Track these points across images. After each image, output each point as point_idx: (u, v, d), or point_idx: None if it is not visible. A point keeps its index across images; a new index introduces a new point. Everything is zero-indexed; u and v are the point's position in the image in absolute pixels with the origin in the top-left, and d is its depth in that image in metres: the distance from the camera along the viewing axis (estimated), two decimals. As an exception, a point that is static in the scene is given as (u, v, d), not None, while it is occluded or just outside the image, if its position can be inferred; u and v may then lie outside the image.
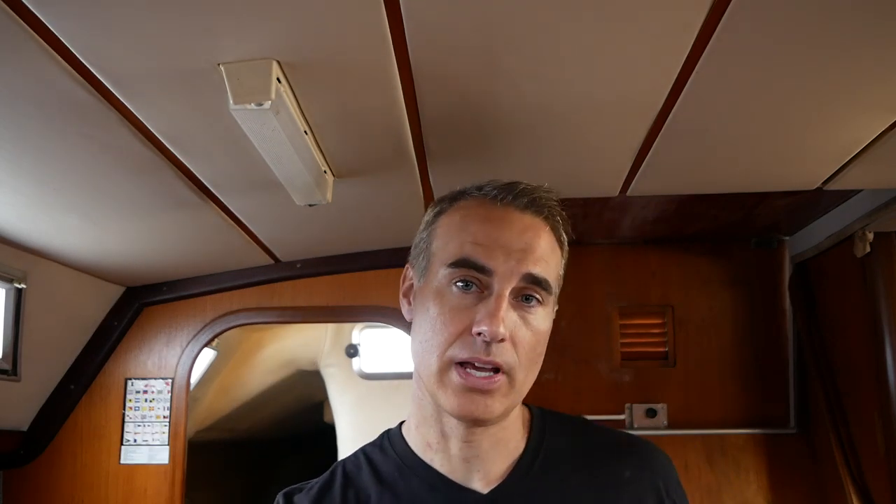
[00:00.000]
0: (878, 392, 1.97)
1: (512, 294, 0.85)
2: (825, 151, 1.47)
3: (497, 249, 0.86)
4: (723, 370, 2.39)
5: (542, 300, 0.88)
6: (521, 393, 0.88)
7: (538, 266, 0.86)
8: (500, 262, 0.85)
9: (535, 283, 0.86)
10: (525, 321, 0.86)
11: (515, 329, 0.85)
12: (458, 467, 0.92)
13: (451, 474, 0.92)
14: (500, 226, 0.88)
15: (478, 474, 0.92)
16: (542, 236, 0.89)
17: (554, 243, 0.91)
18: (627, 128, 1.36)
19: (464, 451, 0.92)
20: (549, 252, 0.89)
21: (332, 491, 0.96)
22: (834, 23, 0.99)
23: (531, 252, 0.87)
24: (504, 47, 1.05)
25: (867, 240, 1.92)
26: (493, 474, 0.92)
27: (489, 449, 0.92)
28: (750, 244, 2.43)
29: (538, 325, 0.87)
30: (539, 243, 0.88)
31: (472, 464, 0.92)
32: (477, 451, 0.91)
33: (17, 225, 1.63)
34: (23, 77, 1.02)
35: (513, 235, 0.87)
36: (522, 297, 0.87)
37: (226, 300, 2.28)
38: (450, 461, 0.92)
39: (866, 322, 1.99)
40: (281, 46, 1.00)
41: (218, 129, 1.23)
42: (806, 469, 2.32)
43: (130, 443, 2.21)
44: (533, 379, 0.90)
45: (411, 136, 1.34)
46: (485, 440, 0.91)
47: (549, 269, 0.88)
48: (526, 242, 0.87)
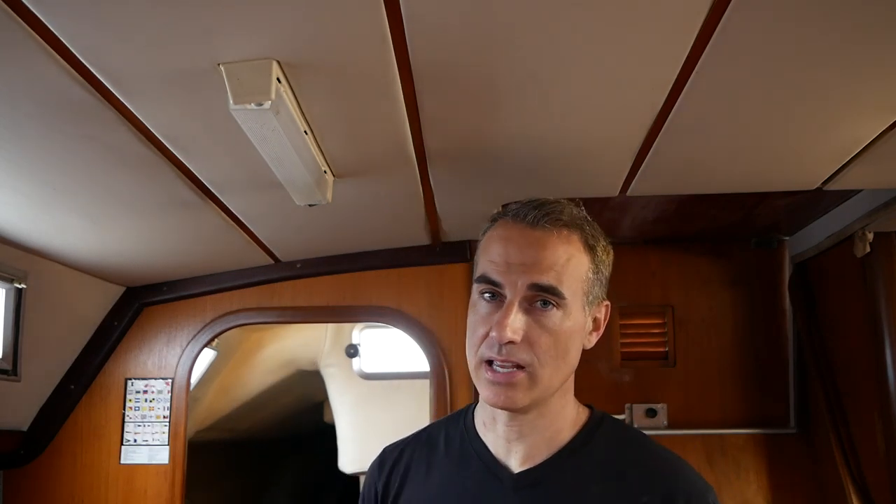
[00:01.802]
0: (878, 392, 1.97)
1: (525, 301, 0.99)
2: (825, 151, 1.47)
3: (506, 266, 1.00)
4: (723, 370, 2.39)
5: (557, 304, 0.99)
6: (547, 386, 1.00)
7: (544, 276, 0.98)
8: (508, 277, 0.99)
9: (542, 290, 0.98)
10: (540, 323, 0.99)
11: (530, 331, 0.98)
12: (501, 446, 1.07)
13: (495, 451, 1.07)
14: (511, 244, 1.01)
15: (516, 455, 1.05)
16: (552, 247, 1.00)
17: (572, 250, 1.01)
18: (627, 128, 1.36)
19: (506, 433, 1.06)
20: (561, 260, 1.00)
21: (409, 446, 1.17)
22: (834, 23, 0.99)
23: (537, 264, 0.99)
24: (504, 47, 1.05)
25: (867, 240, 1.92)
26: (531, 459, 1.05)
27: (529, 434, 1.04)
28: (750, 244, 2.43)
29: (553, 325, 0.99)
30: (546, 255, 0.99)
31: (512, 444, 1.06)
32: (517, 434, 1.05)
33: (18, 225, 1.63)
34: (23, 77, 1.02)
35: (519, 252, 1.00)
36: (539, 302, 0.99)
37: (226, 300, 2.28)
38: (496, 440, 1.07)
39: (866, 322, 1.99)
40: (281, 46, 1.00)
41: (218, 129, 1.23)
42: (806, 469, 2.32)
43: (130, 443, 2.21)
44: (563, 373, 1.02)
45: (411, 136, 1.34)
46: (524, 425, 1.04)
47: (561, 275, 0.99)
48: (532, 256, 0.99)
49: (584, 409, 1.10)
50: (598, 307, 1.06)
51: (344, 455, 3.38)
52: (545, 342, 0.98)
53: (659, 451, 1.06)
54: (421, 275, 2.28)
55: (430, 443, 1.15)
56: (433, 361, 2.25)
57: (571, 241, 1.02)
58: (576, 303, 1.00)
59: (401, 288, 2.27)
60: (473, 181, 1.66)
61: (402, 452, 1.16)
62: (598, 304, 1.06)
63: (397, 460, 1.15)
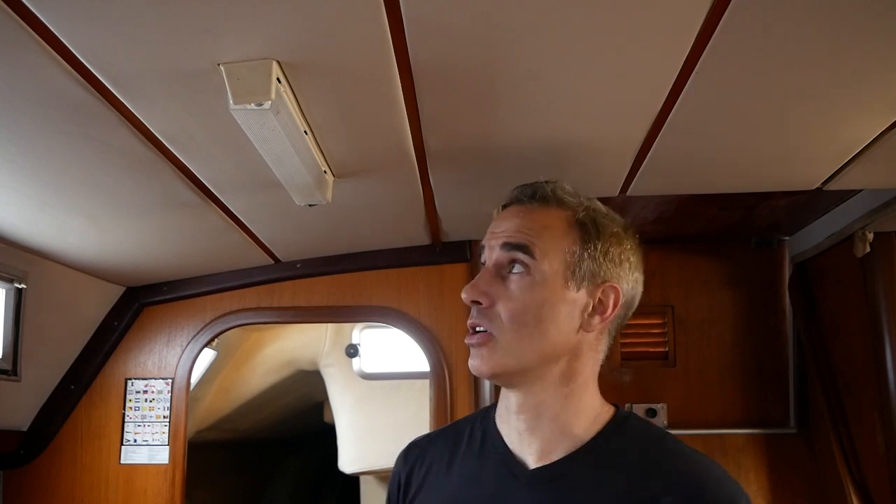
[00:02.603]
0: (878, 392, 1.97)
1: (501, 267, 1.02)
2: (825, 151, 1.47)
3: (491, 235, 1.05)
4: (723, 370, 2.39)
5: (527, 268, 1.00)
6: (514, 354, 1.00)
7: (517, 236, 1.01)
8: (489, 242, 1.05)
9: (513, 248, 1.01)
10: (508, 289, 1.01)
11: (499, 297, 1.00)
12: (515, 439, 1.05)
13: (511, 444, 1.05)
14: (499, 219, 1.07)
15: (530, 449, 1.03)
16: (528, 215, 1.04)
17: (551, 220, 1.03)
18: (627, 128, 1.36)
19: (517, 424, 1.04)
20: (536, 226, 1.02)
21: (436, 439, 1.17)
22: (834, 23, 0.99)
23: (512, 227, 1.03)
24: (504, 47, 1.05)
25: (867, 240, 1.92)
26: (546, 455, 1.02)
27: (538, 425, 1.03)
28: (750, 244, 2.43)
29: (518, 290, 1.00)
30: (521, 221, 1.03)
31: (524, 437, 1.04)
32: (526, 425, 1.03)
33: (18, 225, 1.63)
34: (23, 77, 1.02)
35: (501, 223, 1.05)
36: (512, 267, 1.01)
37: (226, 300, 2.28)
38: (511, 433, 1.06)
39: (866, 322, 1.99)
40: (281, 46, 1.00)
41: (218, 129, 1.23)
42: (806, 469, 2.32)
43: (130, 443, 2.21)
44: (537, 345, 1.00)
45: (411, 136, 1.35)
46: (531, 414, 1.03)
47: (533, 238, 1.01)
48: (508, 224, 1.04)
49: (610, 407, 1.07)
50: (598, 287, 1.02)
51: (344, 455, 3.38)
52: (511, 307, 0.99)
53: (686, 452, 1.01)
54: (421, 275, 2.28)
55: (457, 436, 1.13)
56: (433, 361, 2.25)
57: (550, 212, 1.04)
58: (553, 272, 1.00)
59: (401, 288, 2.27)
60: (473, 181, 1.66)
61: (428, 445, 1.16)
62: (600, 284, 1.02)
63: (422, 453, 1.15)
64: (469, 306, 1.03)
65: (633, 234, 1.09)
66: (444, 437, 1.15)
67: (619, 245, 1.06)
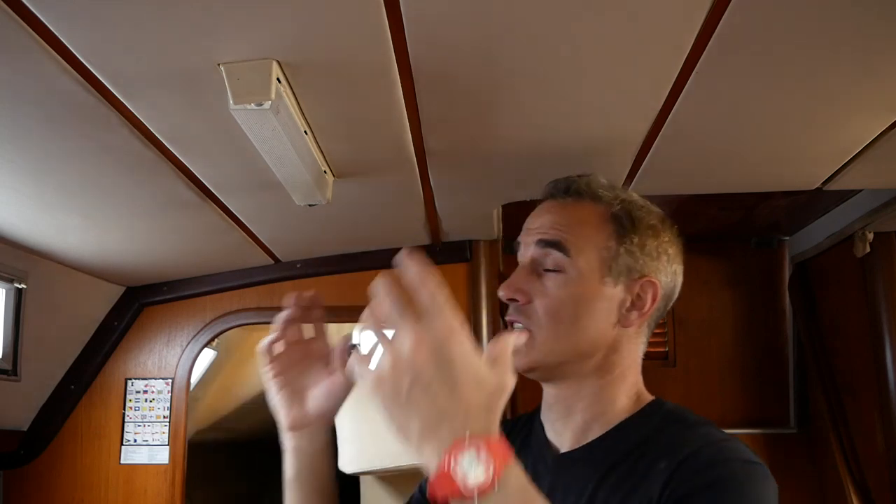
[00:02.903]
0: (878, 392, 1.97)
1: (536, 264, 1.02)
2: (825, 151, 1.47)
3: (526, 231, 1.06)
4: (723, 370, 2.39)
5: (563, 265, 1.00)
6: (549, 350, 1.00)
7: (552, 232, 1.02)
8: (525, 239, 1.05)
9: (547, 245, 1.01)
10: (544, 286, 1.01)
11: (535, 294, 1.01)
12: (551, 428, 1.08)
13: (549, 433, 1.08)
14: (533, 215, 1.08)
15: (563, 438, 1.05)
16: (561, 211, 1.04)
17: (586, 215, 1.03)
18: (627, 128, 1.36)
19: (552, 416, 1.07)
20: (571, 221, 1.02)
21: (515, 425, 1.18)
22: (834, 22, 0.99)
23: (547, 223, 1.03)
24: (504, 47, 1.05)
25: (867, 240, 1.92)
26: (577, 442, 1.03)
27: (573, 416, 1.03)
28: (750, 244, 2.43)
29: (554, 287, 1.00)
30: (555, 217, 1.03)
31: (557, 427, 1.06)
32: (561, 416, 1.05)
33: (18, 225, 1.63)
34: (23, 77, 1.02)
35: (535, 219, 1.06)
36: (548, 265, 1.02)
37: (226, 300, 2.28)
38: (548, 423, 1.08)
39: (866, 322, 1.99)
40: (281, 46, 1.00)
41: (218, 129, 1.23)
42: (806, 469, 2.32)
43: (130, 443, 2.21)
44: (573, 341, 1.01)
45: (411, 136, 1.34)
46: (566, 407, 1.04)
47: (568, 234, 1.01)
48: (542, 220, 1.04)
49: (649, 397, 1.05)
50: (636, 282, 1.02)
51: (344, 455, 3.38)
52: (548, 304, 1.00)
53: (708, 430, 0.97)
54: (421, 275, 2.27)
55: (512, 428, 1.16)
56: (433, 361, 2.24)
57: (585, 207, 1.04)
58: (589, 269, 1.00)
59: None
60: (473, 181, 1.66)
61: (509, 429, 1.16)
62: (637, 279, 1.02)
63: None
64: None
65: (672, 226, 1.09)
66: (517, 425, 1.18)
67: (657, 238, 1.05)
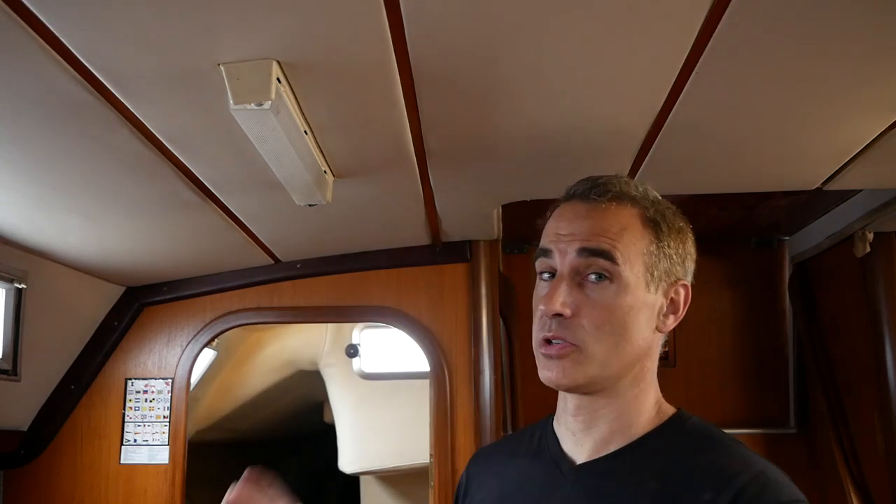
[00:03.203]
0: (878, 392, 1.97)
1: (578, 275, 0.96)
2: (825, 151, 1.47)
3: (556, 237, 0.98)
4: (723, 370, 2.39)
5: (610, 275, 0.95)
6: (604, 365, 0.95)
7: (594, 240, 0.95)
8: (558, 245, 0.97)
9: (592, 254, 0.95)
10: (592, 298, 0.95)
11: (581, 306, 0.95)
12: (568, 439, 1.03)
13: (563, 443, 1.03)
14: (562, 220, 0.99)
15: (582, 448, 1.00)
16: (602, 216, 0.97)
17: (626, 221, 0.98)
18: (627, 127, 1.36)
19: (573, 425, 1.01)
20: (614, 228, 0.96)
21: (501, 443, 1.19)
22: (834, 22, 0.99)
23: (587, 230, 0.96)
24: (504, 47, 1.05)
25: (867, 240, 1.92)
26: (597, 452, 0.99)
27: (595, 425, 0.99)
28: (750, 244, 2.43)
29: (606, 299, 0.95)
30: (595, 223, 0.96)
31: (577, 437, 1.01)
32: (583, 425, 1.00)
33: (18, 225, 1.63)
34: (23, 77, 1.02)
35: (569, 224, 0.98)
36: (592, 275, 0.95)
37: (226, 300, 2.28)
38: (565, 433, 1.03)
39: (866, 322, 1.99)
40: (281, 46, 1.00)
41: (218, 129, 1.23)
42: (806, 469, 2.32)
43: (130, 443, 2.21)
44: (624, 353, 0.96)
45: (411, 136, 1.34)
46: (589, 414, 1.00)
47: (615, 242, 0.95)
48: (581, 226, 0.97)
49: (670, 408, 1.03)
50: (672, 286, 1.00)
51: (344, 455, 3.38)
52: (597, 317, 0.94)
53: (741, 451, 0.95)
54: (421, 275, 2.27)
55: (519, 440, 1.12)
56: (433, 361, 2.24)
57: (624, 211, 0.98)
58: (635, 277, 0.95)
59: (401, 288, 2.27)
60: (473, 181, 1.66)
61: (493, 450, 1.18)
62: (673, 283, 1.00)
63: (486, 456, 1.16)
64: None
65: (690, 226, 1.07)
66: (509, 442, 1.18)
67: (685, 240, 1.04)
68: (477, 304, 2.17)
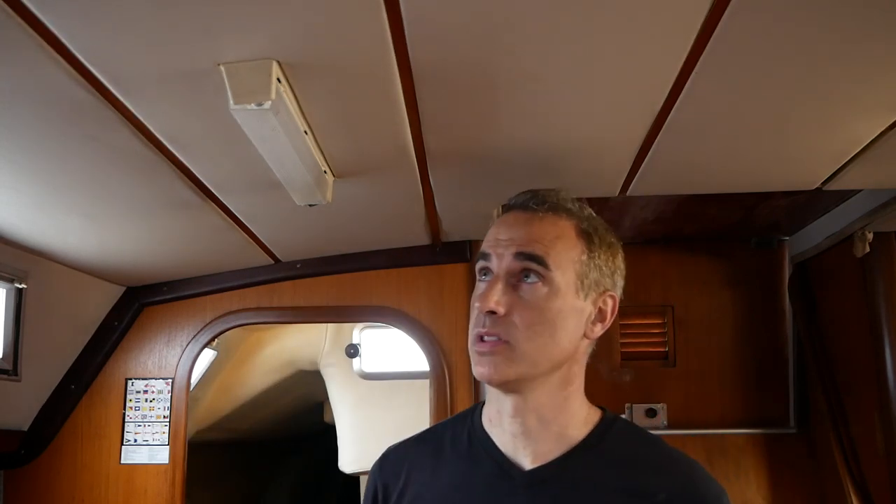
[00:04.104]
0: (878, 392, 1.97)
1: (513, 276, 1.02)
2: (825, 151, 1.47)
3: (495, 242, 1.04)
4: (723, 370, 2.39)
5: (541, 277, 1.00)
6: (533, 363, 1.00)
7: (529, 246, 1.01)
8: (496, 250, 1.03)
9: (526, 258, 1.01)
10: (524, 298, 1.01)
11: (513, 306, 1.00)
12: (508, 442, 1.06)
13: (503, 448, 1.06)
14: (502, 226, 1.06)
15: (525, 451, 1.04)
16: (538, 224, 1.04)
17: (560, 230, 1.04)
18: (627, 128, 1.36)
19: (512, 427, 1.05)
20: (549, 236, 1.02)
21: (412, 446, 1.16)
22: (834, 23, 0.99)
23: (524, 236, 1.03)
24: (504, 47, 1.05)
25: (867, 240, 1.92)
26: (542, 456, 1.03)
27: (535, 428, 1.04)
28: (750, 244, 2.43)
29: (536, 299, 1.00)
30: (532, 230, 1.03)
31: (518, 440, 1.04)
32: (522, 429, 1.04)
33: (18, 225, 1.63)
34: (23, 77, 1.02)
35: (508, 229, 1.05)
36: (525, 277, 1.01)
37: (226, 300, 2.28)
38: (503, 435, 1.06)
39: (866, 322, 1.99)
40: (281, 46, 1.00)
41: (218, 129, 1.23)
42: (806, 469, 2.32)
43: (131, 443, 2.21)
44: (551, 353, 1.01)
45: (411, 136, 1.35)
46: (529, 418, 1.04)
47: (548, 248, 1.01)
48: (518, 232, 1.03)
49: (597, 409, 1.10)
50: (600, 296, 1.06)
51: (344, 455, 3.38)
52: (527, 316, 1.00)
53: (672, 452, 1.07)
54: (421, 275, 2.28)
55: (436, 442, 1.13)
56: (433, 361, 2.25)
57: (560, 222, 1.05)
58: (566, 282, 1.01)
59: (401, 288, 2.27)
60: (473, 181, 1.66)
61: (405, 452, 1.15)
62: (602, 293, 1.06)
63: (399, 460, 1.14)
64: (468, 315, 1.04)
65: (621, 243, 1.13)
66: (423, 443, 1.15)
67: (615, 255, 1.10)
68: (477, 304, 2.16)
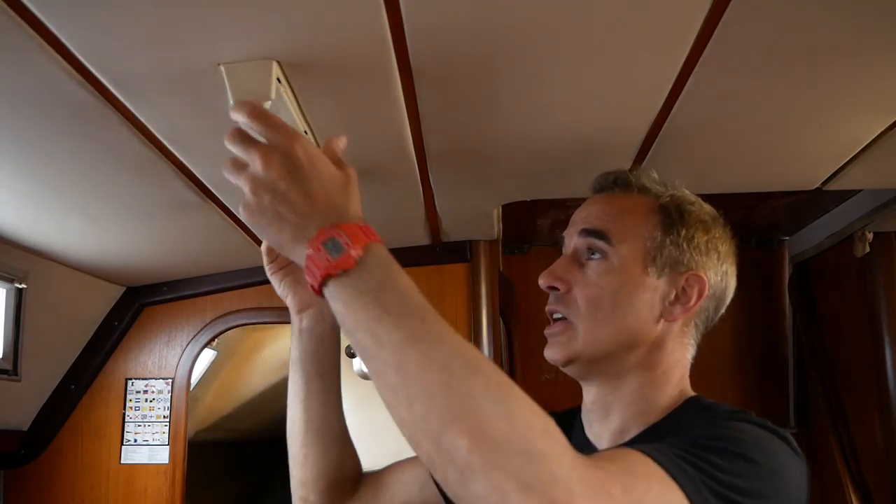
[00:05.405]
0: (878, 392, 1.97)
1: (578, 254, 1.00)
2: (825, 151, 1.47)
3: (572, 223, 1.04)
4: (723, 370, 2.39)
5: (604, 254, 0.98)
6: (590, 342, 0.97)
7: (595, 221, 1.00)
8: (569, 231, 1.03)
9: (590, 234, 0.99)
10: (585, 275, 0.98)
11: (575, 282, 0.98)
12: (590, 430, 1.04)
13: (589, 434, 1.03)
14: (581, 208, 1.05)
15: (603, 437, 1.01)
16: (607, 201, 1.02)
17: (630, 205, 1.01)
18: (627, 128, 1.36)
19: (589, 415, 1.03)
20: (615, 211, 1.01)
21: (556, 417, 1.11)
22: (834, 23, 0.99)
23: (591, 214, 1.01)
24: (504, 47, 1.05)
25: (867, 240, 1.92)
26: (614, 441, 0.99)
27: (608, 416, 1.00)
28: (750, 244, 2.43)
29: (595, 276, 0.98)
30: (600, 207, 1.01)
31: (594, 428, 1.02)
32: (597, 417, 1.02)
33: (18, 225, 1.63)
34: (23, 77, 1.02)
35: (583, 210, 1.04)
36: (589, 253, 0.99)
37: (226, 300, 2.28)
38: (589, 423, 1.04)
39: (866, 322, 1.99)
40: (281, 46, 1.00)
41: (218, 129, 1.23)
42: (806, 469, 2.32)
43: (131, 443, 2.21)
44: (612, 333, 0.97)
45: (411, 136, 1.34)
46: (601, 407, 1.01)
47: (611, 223, 0.99)
48: (589, 210, 1.02)
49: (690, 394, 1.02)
50: (680, 276, 0.98)
51: (344, 455, 3.38)
52: (587, 293, 0.97)
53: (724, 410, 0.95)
54: (421, 275, 2.27)
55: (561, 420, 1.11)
56: (433, 361, 2.24)
57: (632, 198, 1.02)
58: (632, 258, 0.97)
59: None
60: (473, 181, 1.66)
61: None
62: (682, 272, 0.99)
63: None
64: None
65: (725, 224, 1.06)
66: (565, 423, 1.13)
67: (707, 233, 1.02)
68: (477, 304, 2.17)
